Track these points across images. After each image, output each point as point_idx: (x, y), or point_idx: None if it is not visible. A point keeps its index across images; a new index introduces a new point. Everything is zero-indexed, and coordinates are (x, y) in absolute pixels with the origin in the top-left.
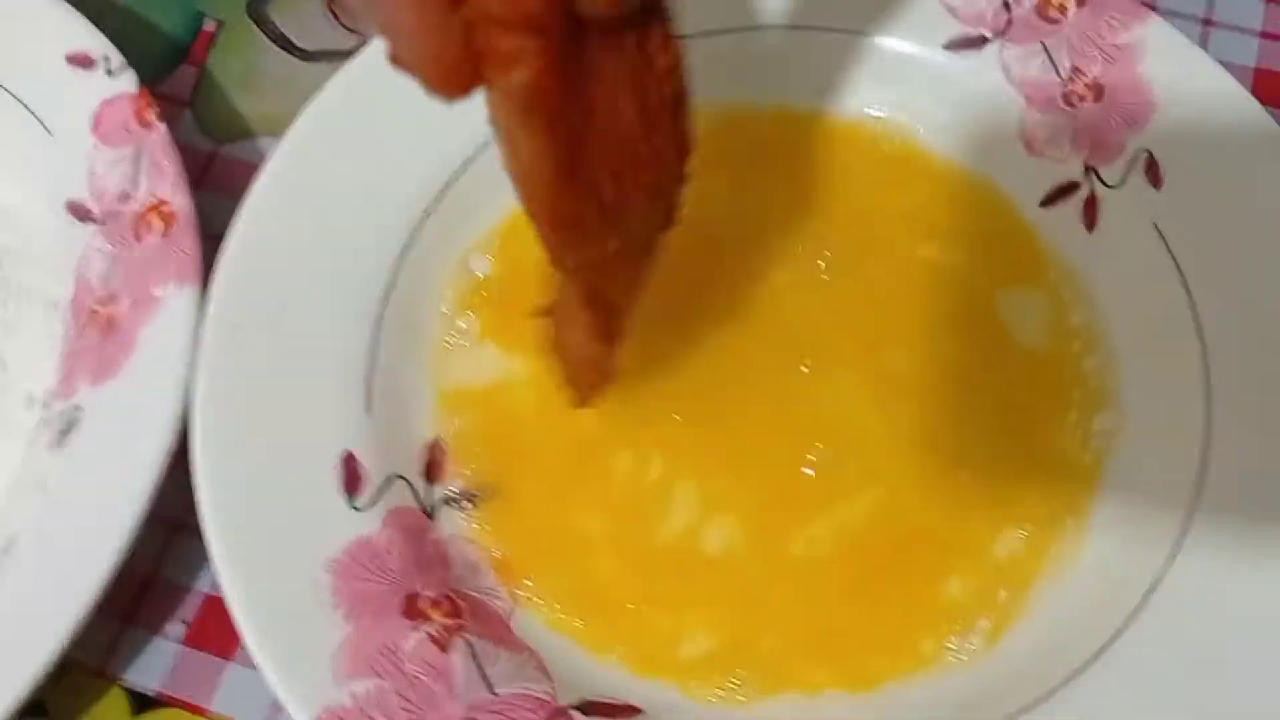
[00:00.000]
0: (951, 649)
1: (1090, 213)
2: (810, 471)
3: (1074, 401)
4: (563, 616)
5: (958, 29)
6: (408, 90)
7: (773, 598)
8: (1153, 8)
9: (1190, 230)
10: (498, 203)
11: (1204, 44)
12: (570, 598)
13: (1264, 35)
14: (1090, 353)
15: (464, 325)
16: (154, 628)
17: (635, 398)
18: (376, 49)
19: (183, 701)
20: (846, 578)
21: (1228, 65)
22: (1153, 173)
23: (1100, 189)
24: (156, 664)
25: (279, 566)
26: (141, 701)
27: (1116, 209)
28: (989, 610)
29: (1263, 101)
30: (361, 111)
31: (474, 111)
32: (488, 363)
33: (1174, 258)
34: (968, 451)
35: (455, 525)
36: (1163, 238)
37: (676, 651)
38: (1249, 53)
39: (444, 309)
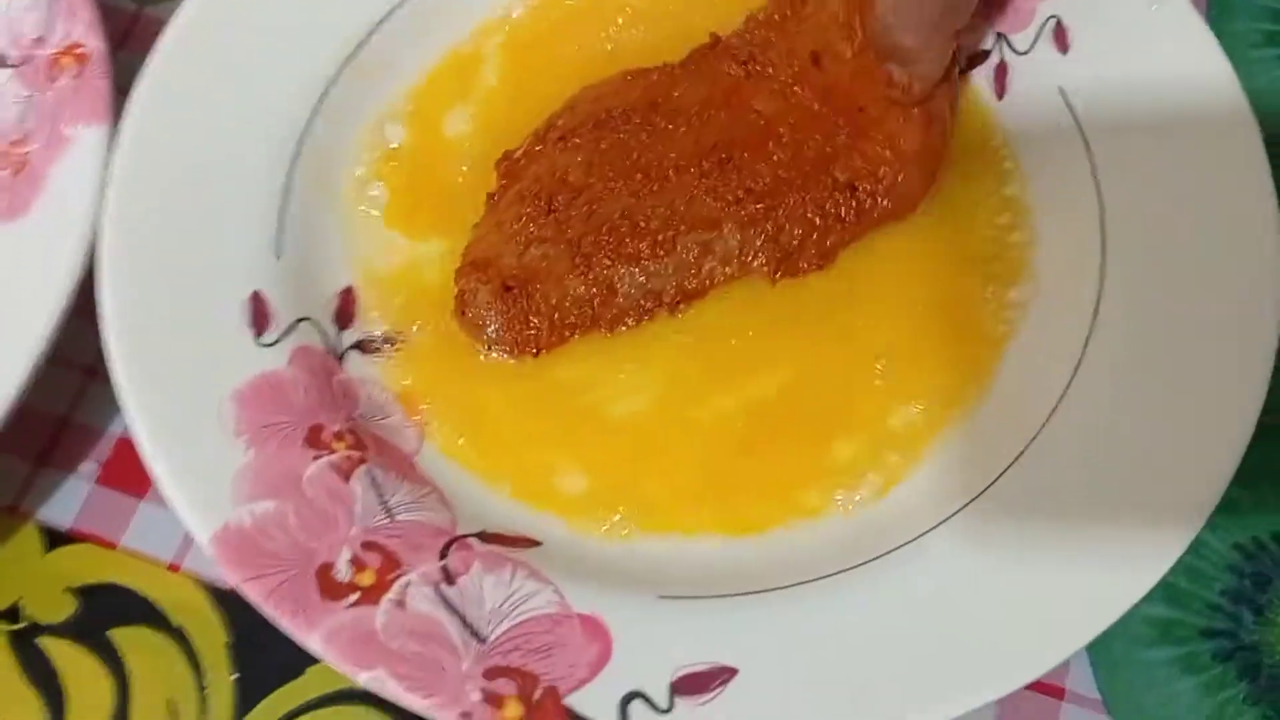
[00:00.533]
0: (839, 500)
1: (1000, 79)
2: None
3: (994, 275)
4: (459, 442)
5: None
6: None
7: (664, 449)
8: None
9: (1094, 93)
10: (414, 61)
11: None
12: (465, 425)
13: None
14: (1017, 227)
15: (374, 194)
16: (68, 468)
17: None
18: None
19: (95, 536)
20: (739, 439)
21: None
22: (1060, 39)
23: (1010, 56)
24: (69, 502)
25: (184, 397)
26: (54, 538)
27: (1024, 75)
28: (879, 468)
29: None
30: None
31: None
32: (397, 241)
33: (1078, 121)
34: (884, 340)
35: (363, 369)
36: (1068, 102)
37: (557, 486)
38: None
39: (359, 172)
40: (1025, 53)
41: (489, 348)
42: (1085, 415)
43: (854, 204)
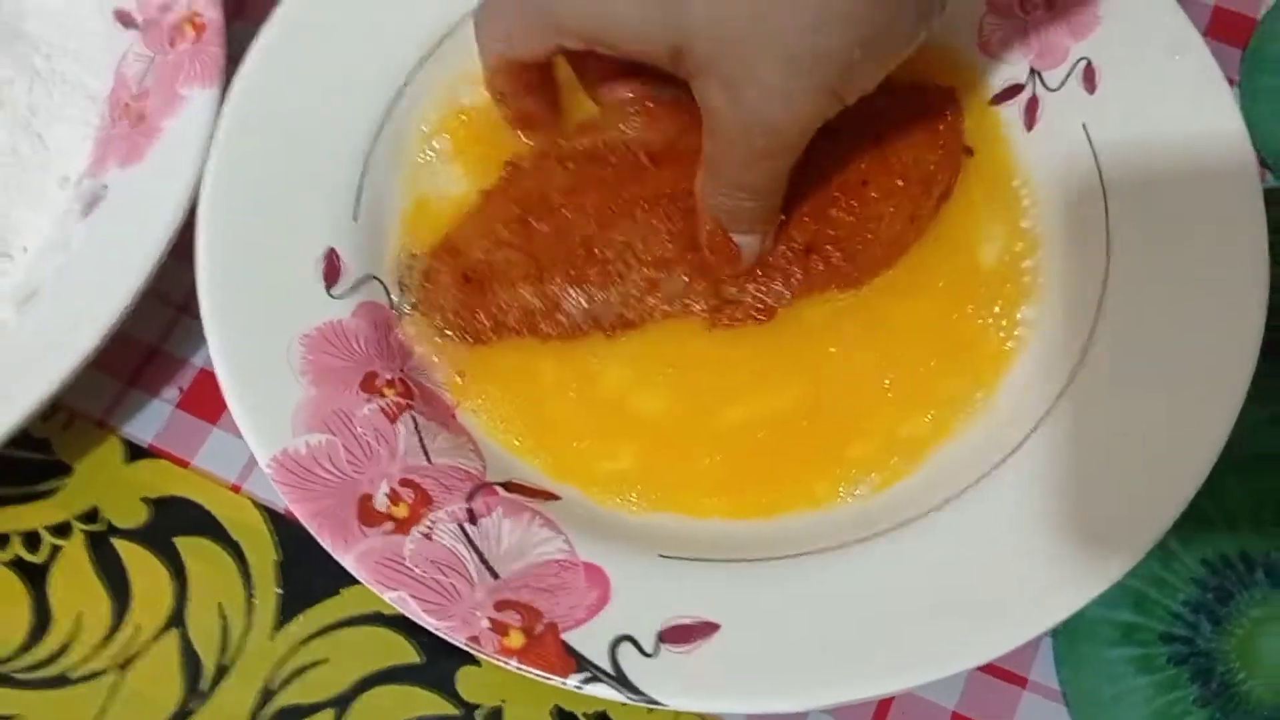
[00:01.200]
0: (840, 493)
1: (1031, 113)
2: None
3: (1004, 294)
4: (500, 424)
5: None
6: None
7: (685, 446)
8: None
9: (1114, 133)
10: None
11: None
12: (512, 413)
13: None
14: (1030, 254)
15: (438, 145)
16: (153, 391)
17: None
18: None
19: (170, 454)
20: (758, 442)
21: (1195, 3)
22: (1089, 79)
23: (1042, 91)
24: (151, 421)
25: (259, 336)
26: (135, 452)
27: (1053, 110)
28: (881, 469)
29: (1216, 36)
30: None
31: None
32: (456, 181)
33: (1095, 156)
34: (899, 353)
35: (419, 328)
36: (1089, 137)
37: (592, 466)
38: None
39: (424, 128)
40: (1056, 89)
41: (440, 326)
42: (1069, 428)
43: (805, 266)
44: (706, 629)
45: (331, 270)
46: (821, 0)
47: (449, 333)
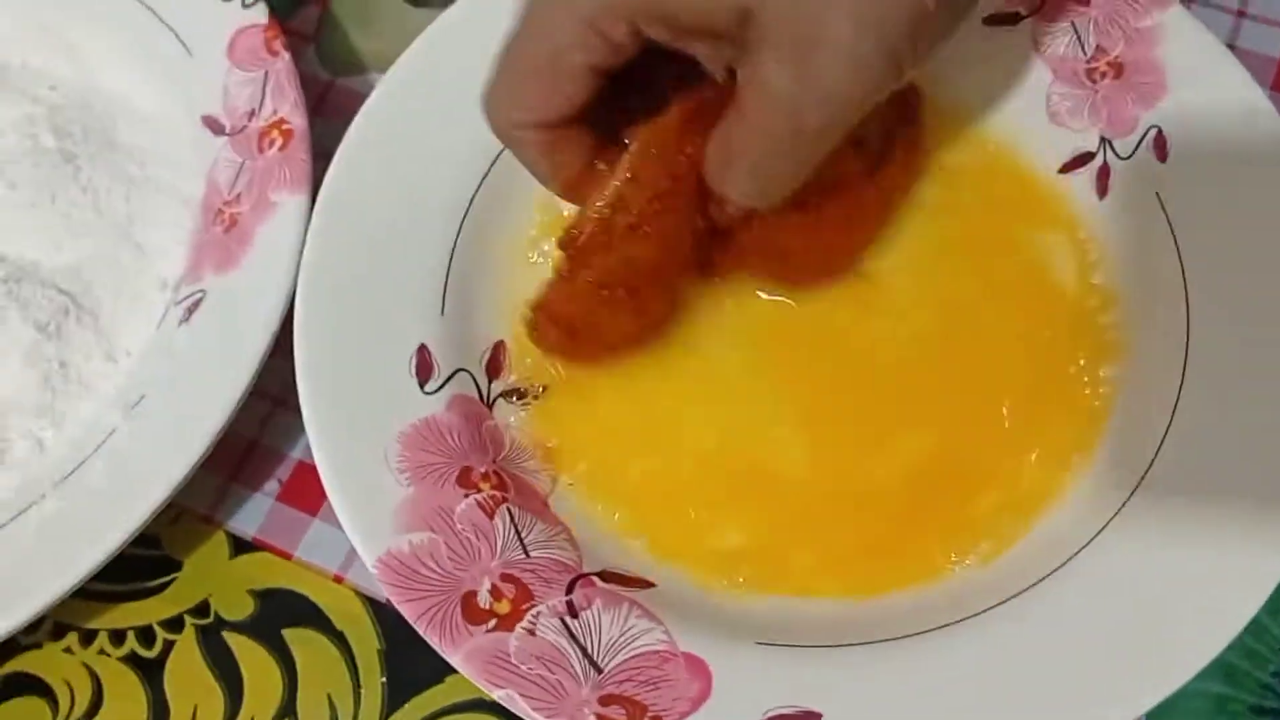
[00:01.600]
0: (953, 563)
1: (1103, 181)
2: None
3: (1085, 349)
4: (600, 507)
5: (996, 4)
6: (496, 37)
7: (812, 516)
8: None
9: (1188, 202)
10: None
11: (1236, 34)
12: (609, 491)
13: None
14: (1106, 310)
15: (546, 249)
16: (254, 485)
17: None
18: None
19: (273, 547)
20: (890, 506)
21: (1256, 55)
22: (1160, 148)
23: (1113, 159)
24: (254, 515)
25: (358, 435)
26: (239, 545)
27: (1125, 178)
28: (993, 535)
29: None
30: (455, 55)
31: None
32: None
33: (1171, 226)
34: (1002, 385)
35: (508, 416)
36: (1163, 207)
37: (700, 543)
38: (1276, 44)
39: (532, 233)
40: (1127, 158)
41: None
42: (1167, 489)
43: None
44: (808, 718)
45: (424, 366)
46: None
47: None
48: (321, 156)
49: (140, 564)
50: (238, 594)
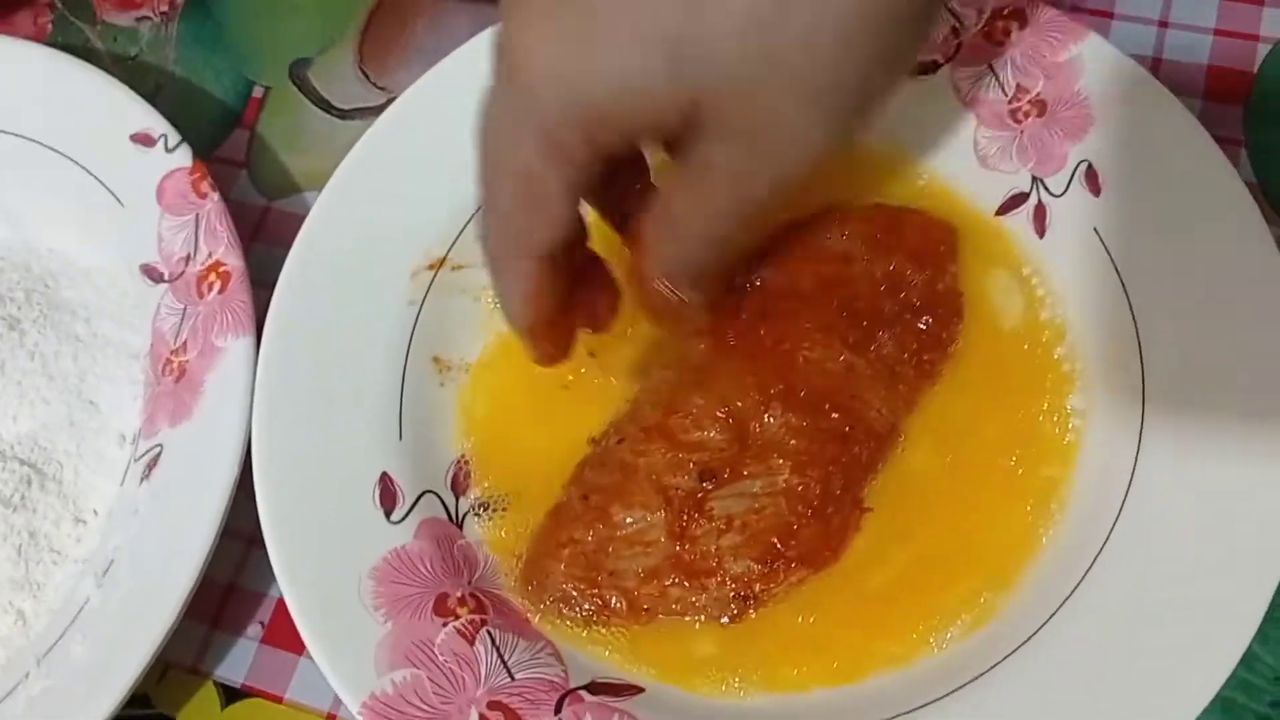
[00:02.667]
0: (931, 643)
1: (1040, 220)
2: None
3: (1047, 387)
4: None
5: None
6: (424, 145)
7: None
8: (1109, 14)
9: (1126, 233)
10: None
11: (1161, 45)
12: None
13: (1218, 33)
14: (1058, 342)
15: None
16: (236, 630)
17: None
18: (397, 107)
19: (263, 692)
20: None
21: (1185, 65)
22: (1092, 181)
23: (1047, 198)
24: (240, 661)
25: (328, 575)
26: (229, 693)
27: (1062, 216)
28: (971, 609)
29: (1215, 97)
30: (387, 168)
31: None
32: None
33: (1112, 258)
34: (969, 445)
35: (479, 531)
36: (1102, 241)
37: (686, 653)
38: (1203, 50)
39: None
40: (1060, 195)
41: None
42: (1140, 529)
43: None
44: None
45: (387, 494)
46: (840, 25)
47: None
48: (262, 285)
49: None
50: None
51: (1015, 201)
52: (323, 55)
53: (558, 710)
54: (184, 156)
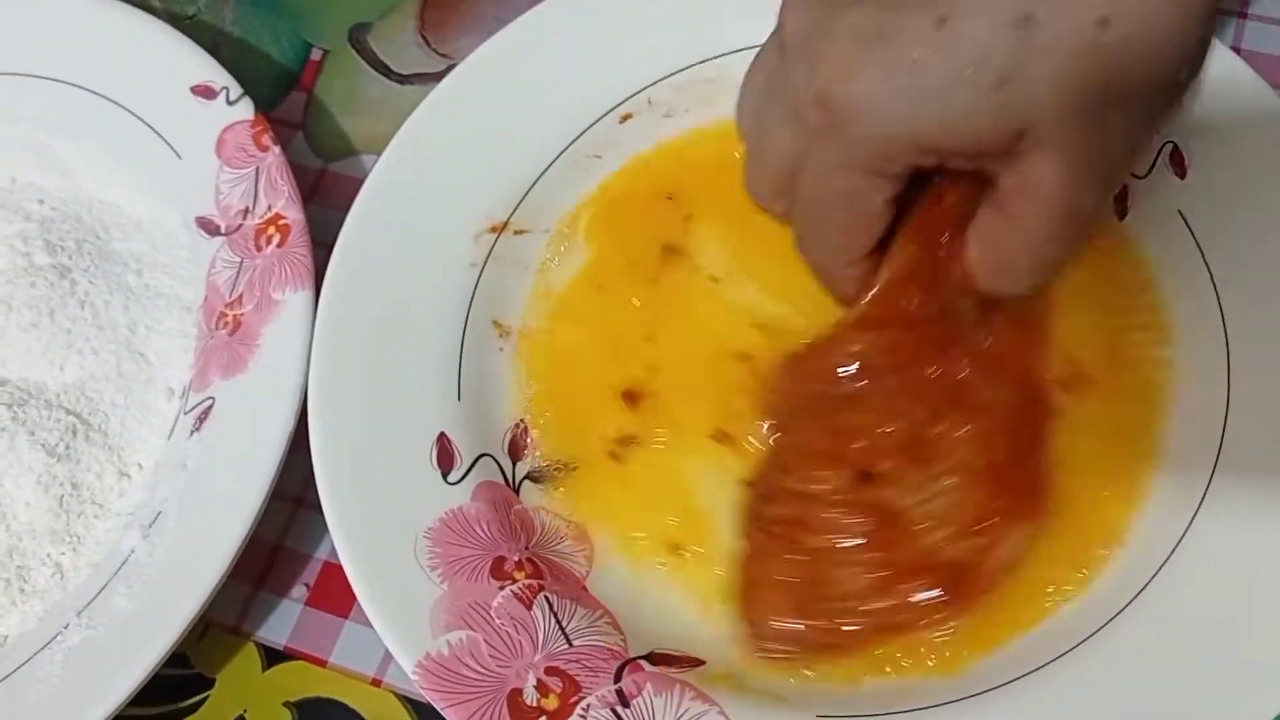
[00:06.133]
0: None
1: (1121, 202)
2: None
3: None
4: (640, 586)
5: None
6: (486, 112)
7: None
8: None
9: (1212, 216)
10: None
11: (1240, 36)
12: (647, 569)
13: None
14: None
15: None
16: (281, 591)
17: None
18: (460, 73)
19: (306, 655)
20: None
21: (1262, 55)
22: (1178, 163)
23: (1130, 179)
24: (283, 623)
25: (385, 535)
26: (271, 655)
27: (1145, 198)
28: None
29: None
30: (448, 132)
31: (541, 132)
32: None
33: (1197, 241)
34: None
35: (536, 499)
36: (1187, 223)
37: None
38: None
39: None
40: (1144, 177)
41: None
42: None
43: None
44: None
45: (445, 455)
46: (1164, 30)
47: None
48: (319, 245)
49: (171, 684)
50: (274, 707)
51: None
52: (383, 20)
53: (617, 679)
54: (245, 109)
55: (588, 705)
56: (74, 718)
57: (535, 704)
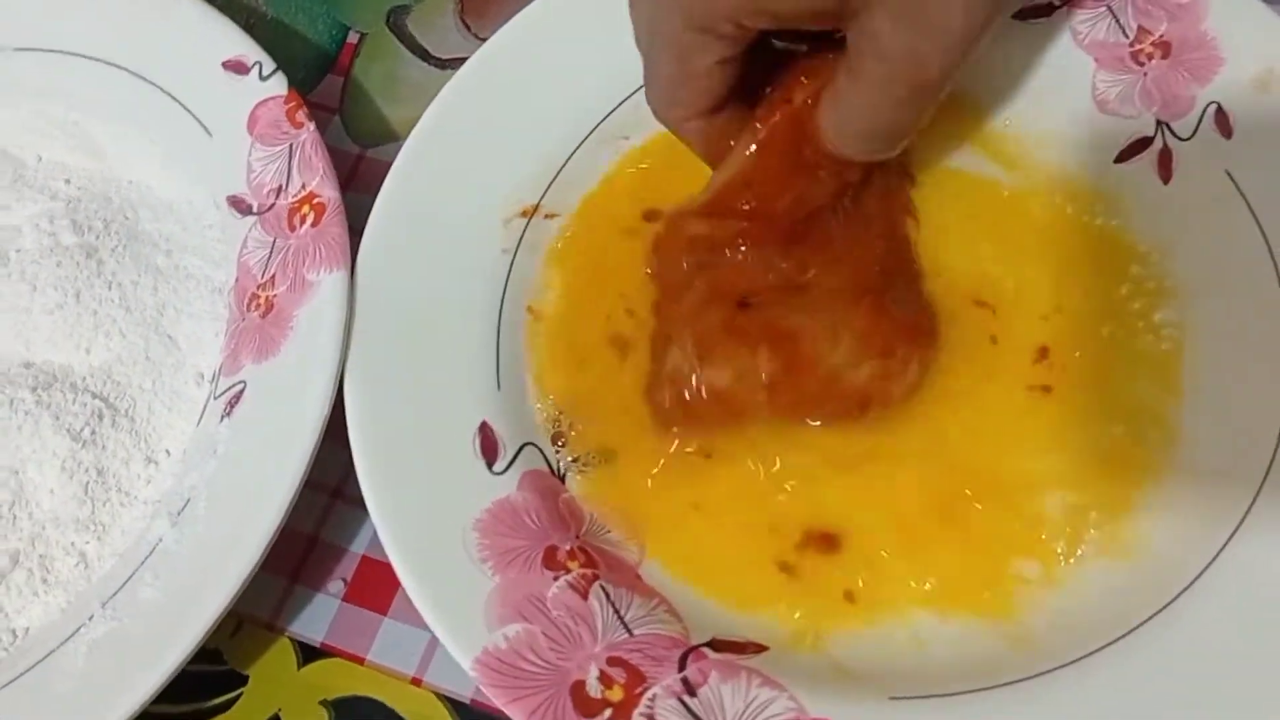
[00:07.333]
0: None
1: (1165, 165)
2: None
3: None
4: (675, 554)
5: None
6: (513, 93)
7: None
8: None
9: (1262, 175)
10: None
11: None
12: (679, 538)
13: None
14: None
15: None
16: (317, 585)
17: None
18: (485, 54)
19: (343, 652)
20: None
21: None
22: (1223, 124)
23: (1173, 142)
24: (320, 618)
25: (432, 527)
26: (307, 652)
27: (1190, 160)
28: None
29: None
30: (476, 112)
31: (568, 112)
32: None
33: (1248, 201)
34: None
35: (583, 487)
36: (1236, 184)
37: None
38: None
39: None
40: (1188, 139)
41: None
42: None
43: None
44: None
45: (489, 445)
46: None
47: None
48: (355, 232)
49: (202, 681)
50: (309, 706)
51: (1137, 147)
52: (421, 3)
53: (681, 667)
54: (279, 85)
55: (654, 695)
56: (98, 714)
57: (600, 696)
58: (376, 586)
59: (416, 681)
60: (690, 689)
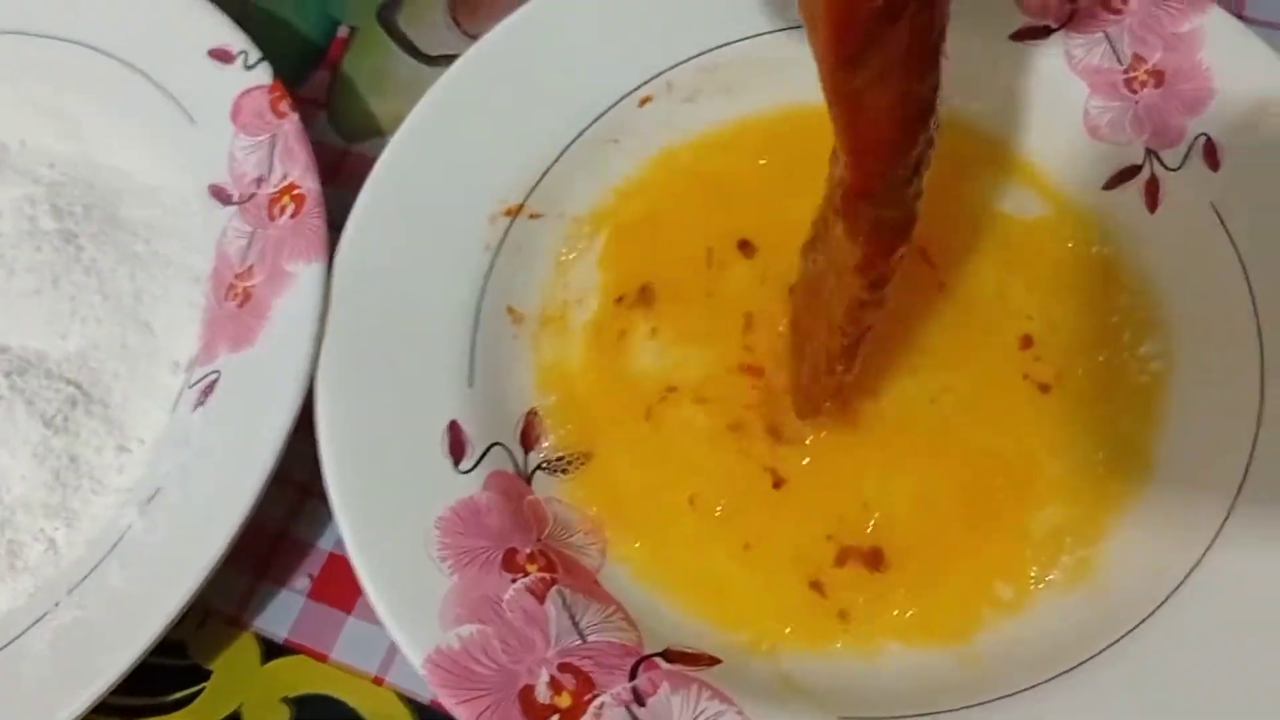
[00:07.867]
0: (1033, 579)
1: (1152, 194)
2: None
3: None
4: (637, 555)
5: (1022, 20)
6: (502, 92)
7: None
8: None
9: (1247, 210)
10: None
11: None
12: (644, 541)
13: None
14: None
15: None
16: (283, 581)
17: None
18: (476, 53)
19: (307, 649)
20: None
21: None
22: (1211, 156)
23: (1161, 171)
24: (285, 614)
25: (393, 524)
26: (271, 648)
27: (1177, 191)
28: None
29: None
30: (465, 110)
31: (558, 114)
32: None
33: (1230, 236)
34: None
35: (549, 488)
36: (1220, 217)
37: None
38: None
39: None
40: (1176, 169)
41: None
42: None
43: None
44: None
45: (456, 444)
46: None
47: None
48: (337, 228)
49: (166, 674)
50: (271, 703)
51: (1125, 175)
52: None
53: (632, 676)
54: (264, 74)
55: (602, 703)
56: (61, 700)
57: (548, 701)
58: (342, 584)
59: (379, 681)
60: (639, 698)
